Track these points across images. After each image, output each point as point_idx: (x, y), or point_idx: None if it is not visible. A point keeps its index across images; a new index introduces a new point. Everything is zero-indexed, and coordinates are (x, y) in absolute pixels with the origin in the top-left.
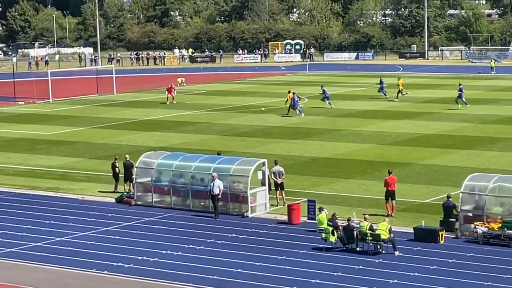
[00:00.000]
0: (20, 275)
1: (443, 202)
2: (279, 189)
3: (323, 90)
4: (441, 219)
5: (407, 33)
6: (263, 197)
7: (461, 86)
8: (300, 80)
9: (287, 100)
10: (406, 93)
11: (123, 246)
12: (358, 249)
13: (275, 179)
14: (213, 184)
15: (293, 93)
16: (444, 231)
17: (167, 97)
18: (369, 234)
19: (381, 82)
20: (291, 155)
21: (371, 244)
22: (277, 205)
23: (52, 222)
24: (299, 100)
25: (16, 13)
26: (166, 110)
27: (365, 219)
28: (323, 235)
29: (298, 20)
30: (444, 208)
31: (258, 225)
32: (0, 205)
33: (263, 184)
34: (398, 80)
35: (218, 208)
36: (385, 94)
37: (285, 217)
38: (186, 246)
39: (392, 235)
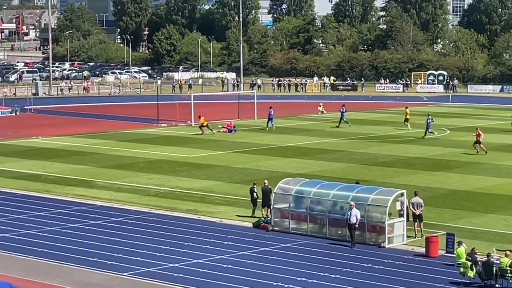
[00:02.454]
0: None
1: None
2: (418, 220)
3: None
4: None
5: None
6: (401, 228)
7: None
8: (442, 112)
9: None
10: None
11: (259, 271)
12: (497, 285)
13: (414, 210)
14: (351, 213)
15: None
16: None
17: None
18: (509, 271)
19: (342, 110)
20: (430, 186)
21: (511, 281)
22: (415, 237)
23: (190, 244)
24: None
25: (163, 37)
26: (306, 137)
27: (506, 255)
28: (461, 269)
29: (442, 51)
30: None
31: (394, 256)
32: (140, 225)
33: (401, 215)
34: (406, 109)
35: (355, 237)
36: (347, 122)
37: (422, 250)
38: (322, 274)
39: None
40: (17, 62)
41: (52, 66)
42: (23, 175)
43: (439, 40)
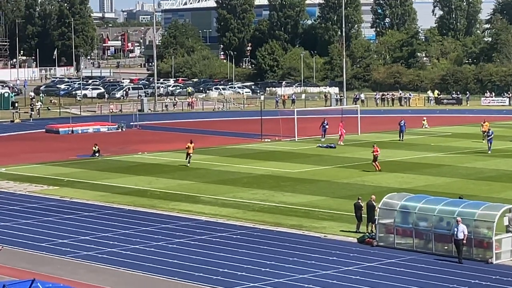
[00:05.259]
0: None
1: None
2: None
3: None
4: None
5: None
6: (509, 244)
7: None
8: None
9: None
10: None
11: (364, 287)
12: None
13: None
14: (458, 228)
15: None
16: None
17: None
18: None
19: (400, 125)
20: None
21: None
22: None
23: (295, 259)
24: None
25: (265, 52)
26: (410, 151)
27: None
28: None
29: None
30: None
31: (503, 273)
32: (244, 240)
33: (508, 231)
34: (484, 123)
35: (462, 253)
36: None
37: None
38: None
39: None
40: (123, 79)
41: (157, 83)
42: (130, 191)
43: None
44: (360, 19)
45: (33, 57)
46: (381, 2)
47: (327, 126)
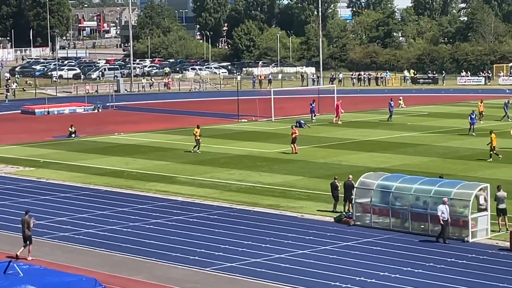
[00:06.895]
0: None
1: None
2: (501, 214)
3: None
4: None
5: None
6: (485, 222)
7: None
8: None
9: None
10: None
11: (341, 266)
12: None
13: (499, 205)
14: (446, 209)
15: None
16: None
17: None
18: None
19: (390, 105)
20: None
21: None
22: (499, 231)
23: (271, 239)
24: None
25: (242, 33)
26: (387, 131)
27: None
28: None
29: None
30: None
31: (478, 251)
32: (221, 220)
33: (483, 209)
34: (481, 103)
35: (441, 232)
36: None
37: (507, 244)
38: (405, 268)
39: None
40: (99, 59)
41: (133, 63)
42: (106, 172)
43: None
44: None
45: (8, 38)
46: None
47: (313, 105)
